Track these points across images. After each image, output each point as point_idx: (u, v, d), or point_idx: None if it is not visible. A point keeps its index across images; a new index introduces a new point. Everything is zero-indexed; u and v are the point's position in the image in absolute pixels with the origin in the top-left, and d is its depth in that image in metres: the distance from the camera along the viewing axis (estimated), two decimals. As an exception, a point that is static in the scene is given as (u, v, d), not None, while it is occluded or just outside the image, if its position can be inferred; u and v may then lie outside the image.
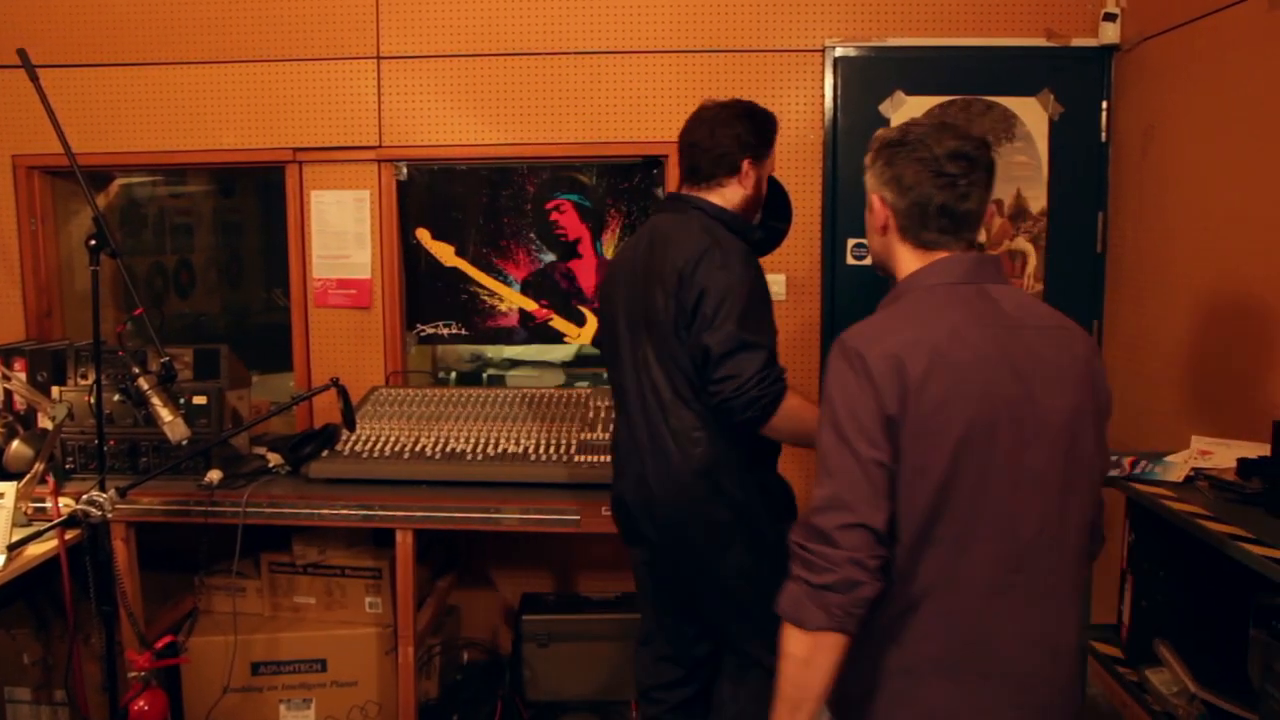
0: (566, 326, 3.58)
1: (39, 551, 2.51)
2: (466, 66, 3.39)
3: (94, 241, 2.34)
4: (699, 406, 2.08)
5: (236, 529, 2.72)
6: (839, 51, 3.29)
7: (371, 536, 3.06)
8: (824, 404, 1.45)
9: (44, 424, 2.92)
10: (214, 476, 2.80)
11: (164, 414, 2.44)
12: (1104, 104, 3.27)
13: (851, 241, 3.31)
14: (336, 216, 3.47)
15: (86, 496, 2.29)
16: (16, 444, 2.82)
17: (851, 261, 3.33)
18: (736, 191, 2.19)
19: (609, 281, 2.34)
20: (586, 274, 3.55)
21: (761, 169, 2.23)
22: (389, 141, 3.43)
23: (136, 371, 2.45)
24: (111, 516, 2.32)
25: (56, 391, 2.91)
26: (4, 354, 3.12)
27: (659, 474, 2.13)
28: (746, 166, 2.19)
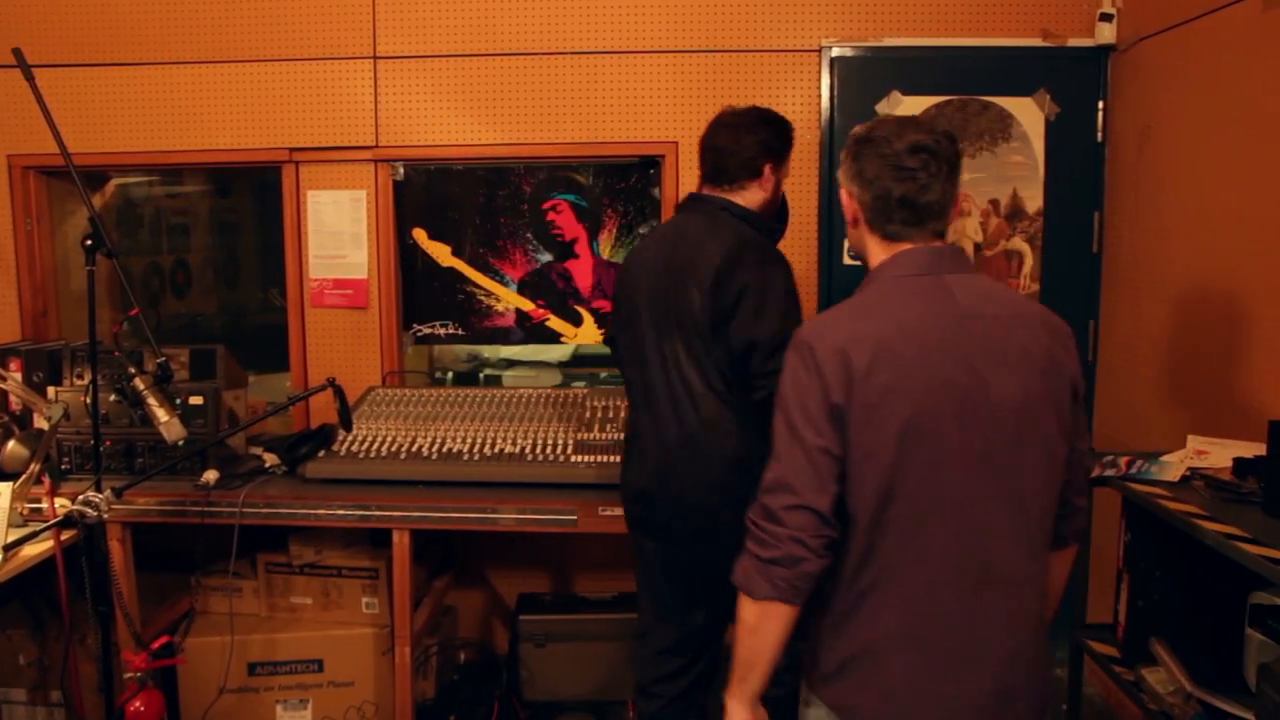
0: (563, 326, 3.58)
1: (35, 552, 2.51)
2: (463, 66, 3.38)
3: (90, 241, 2.33)
4: (732, 399, 2.16)
5: (233, 529, 2.72)
6: (835, 51, 3.30)
7: (368, 537, 3.06)
8: (778, 394, 1.53)
9: (40, 424, 2.92)
10: (210, 477, 2.79)
11: (160, 414, 2.44)
12: (1100, 104, 3.27)
13: (848, 241, 3.31)
14: (333, 216, 3.47)
15: (82, 497, 2.28)
16: (12, 444, 2.81)
17: (848, 261, 3.33)
18: (757, 194, 2.28)
19: (628, 279, 2.37)
20: (583, 274, 3.55)
21: (780, 173, 2.32)
22: (385, 141, 3.42)
23: (133, 372, 2.44)
24: (107, 517, 2.32)
25: (52, 392, 2.90)
26: (0, 354, 3.11)
27: (689, 465, 2.18)
28: (768, 171, 2.28)
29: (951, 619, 1.49)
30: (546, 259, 3.56)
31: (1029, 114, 3.28)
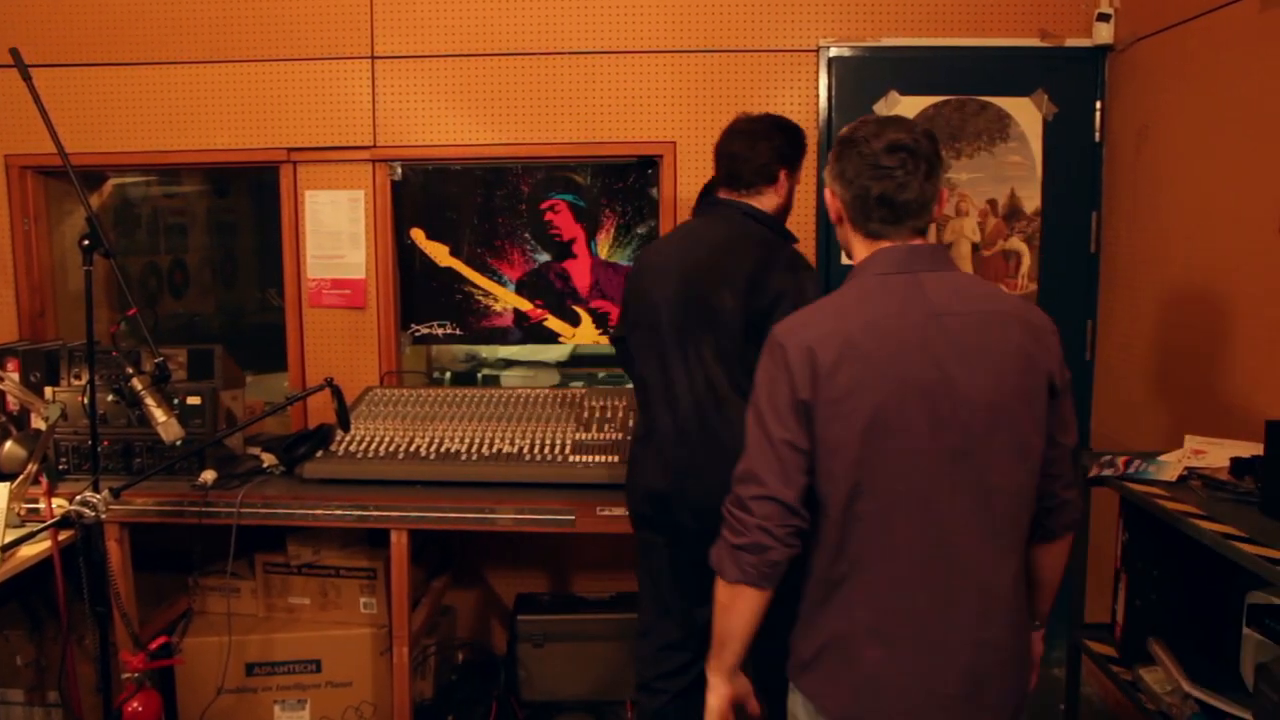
0: (561, 326, 3.58)
1: (32, 552, 2.50)
2: (461, 66, 3.38)
3: (87, 241, 2.33)
4: None
5: (231, 529, 2.72)
6: (833, 51, 3.30)
7: (366, 537, 3.06)
8: (753, 389, 1.59)
9: (37, 424, 2.92)
10: (208, 477, 2.79)
11: (158, 414, 2.44)
12: (1098, 104, 3.27)
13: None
14: (331, 216, 3.47)
15: (80, 497, 2.28)
16: (10, 445, 2.81)
17: (846, 261, 3.32)
18: (772, 199, 2.32)
19: (644, 279, 2.38)
20: (581, 274, 3.55)
21: (794, 179, 2.37)
22: (383, 141, 3.42)
23: (130, 372, 2.44)
24: (105, 517, 2.31)
25: (50, 392, 2.90)
26: (-3, 354, 3.11)
27: (710, 463, 2.19)
28: (783, 177, 2.32)
29: (919, 612, 1.53)
30: (544, 259, 3.56)
31: (1027, 114, 3.29)
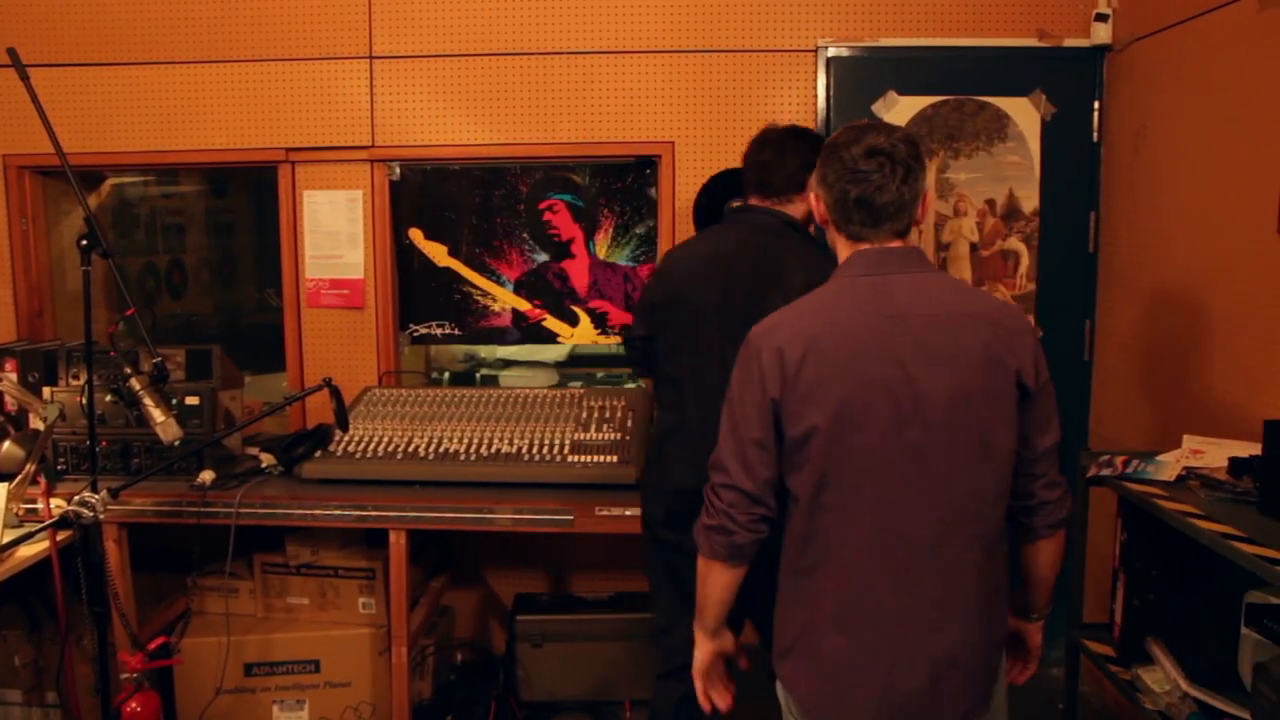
0: (560, 326, 3.58)
1: (31, 553, 2.50)
2: (459, 66, 3.38)
3: (85, 241, 2.33)
4: None
5: (229, 530, 2.72)
6: (832, 51, 3.30)
7: (364, 537, 3.05)
8: (730, 382, 1.67)
9: (35, 425, 2.91)
10: (206, 477, 2.79)
11: (156, 415, 2.43)
12: (1096, 104, 3.28)
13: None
14: (329, 216, 3.46)
15: (78, 497, 2.28)
16: (8, 445, 2.81)
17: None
18: (801, 206, 2.36)
19: (678, 281, 2.41)
20: (580, 274, 3.55)
21: None
22: (382, 141, 3.42)
23: (128, 372, 2.44)
24: (103, 517, 2.31)
25: (48, 392, 2.90)
26: (-5, 355, 3.11)
27: None
28: (810, 184, 2.33)
29: (881, 603, 1.58)
30: (543, 259, 3.55)
31: (1025, 114, 3.29)
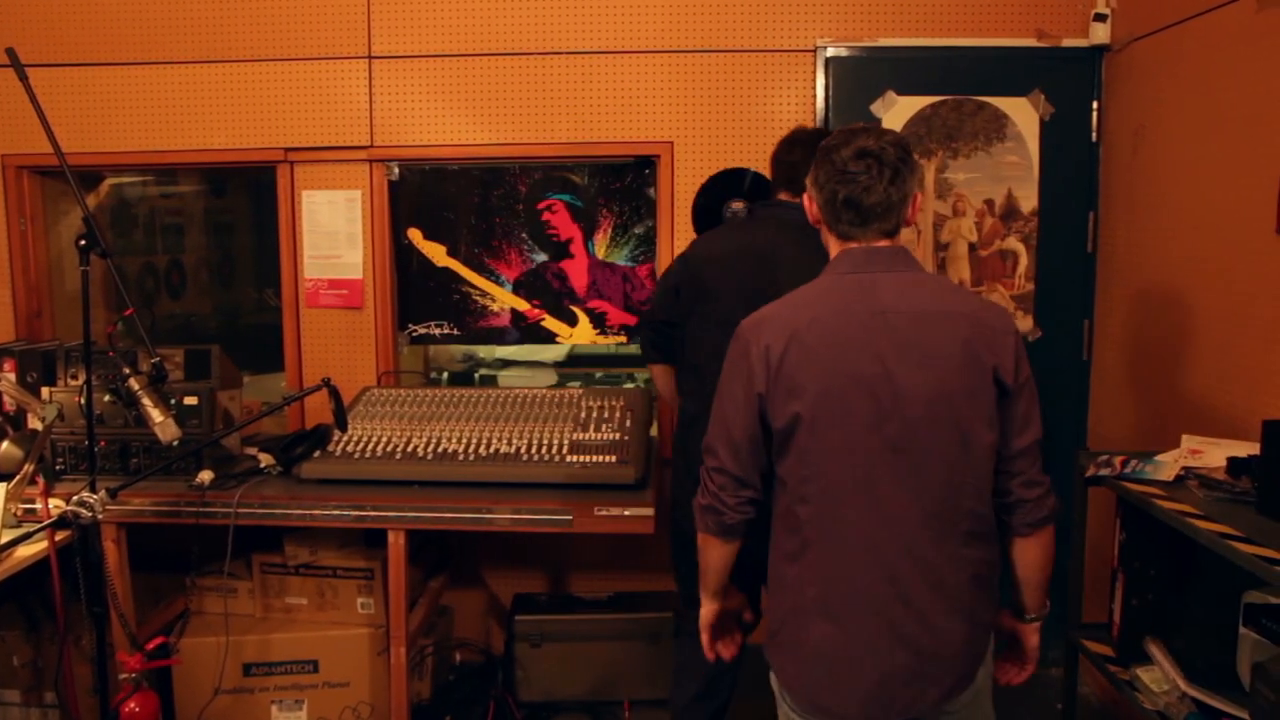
0: (558, 326, 3.58)
1: (29, 553, 2.50)
2: (458, 66, 3.38)
3: (84, 241, 2.33)
4: None
5: (228, 530, 2.71)
6: (830, 52, 3.30)
7: (363, 537, 3.05)
8: (722, 370, 1.75)
9: (34, 425, 2.91)
10: (205, 477, 2.79)
11: (155, 415, 2.43)
12: (1094, 104, 3.28)
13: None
14: (328, 216, 3.46)
15: (77, 497, 2.27)
16: (6, 445, 2.80)
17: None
18: None
19: (706, 269, 2.46)
20: (578, 274, 3.55)
21: None
22: (380, 141, 3.42)
23: (127, 372, 2.44)
24: (102, 517, 2.31)
25: (46, 392, 2.89)
26: (-7, 355, 3.10)
27: None
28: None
29: (863, 592, 1.63)
30: (542, 259, 3.55)
31: (1024, 114, 3.29)
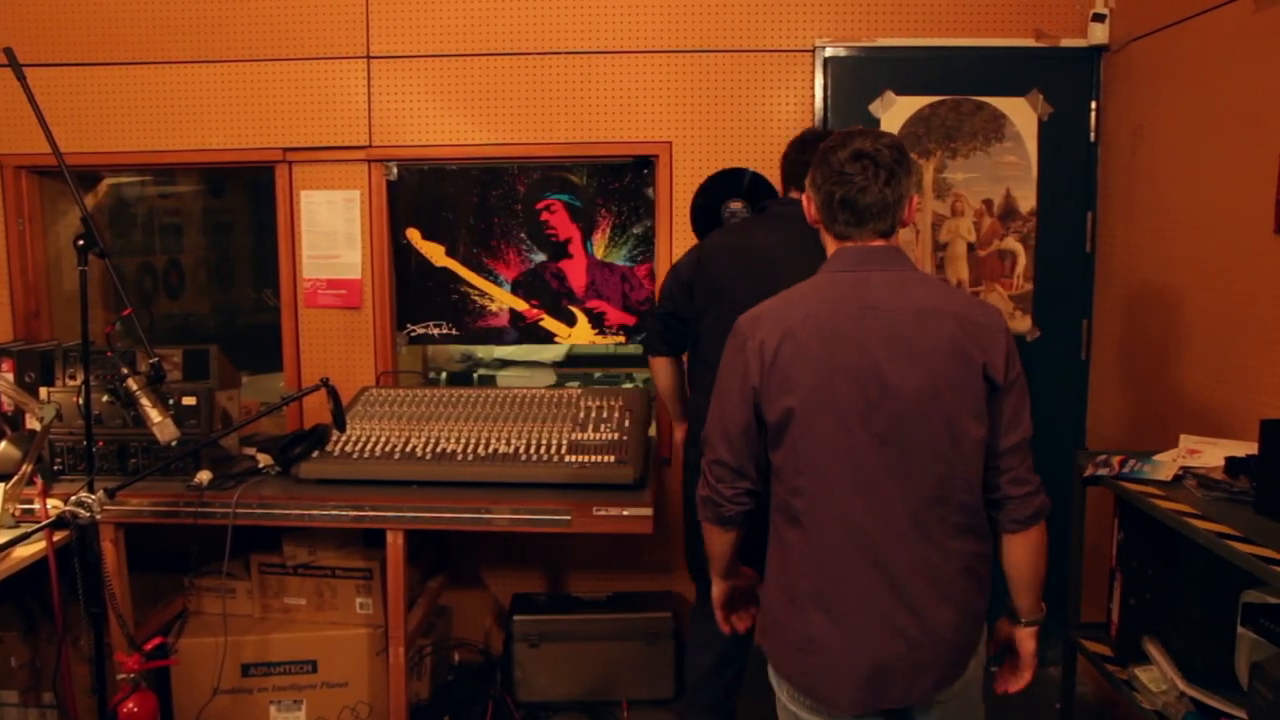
0: (557, 326, 3.58)
1: (27, 553, 2.49)
2: (457, 66, 3.38)
3: (82, 241, 2.32)
4: None
5: (226, 530, 2.71)
6: (829, 52, 3.30)
7: (362, 537, 3.05)
8: (720, 364, 1.79)
9: (32, 425, 2.90)
10: (203, 477, 2.79)
11: (153, 415, 2.43)
12: (1093, 104, 3.28)
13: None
14: (326, 216, 3.46)
15: (75, 498, 2.27)
16: (4, 445, 2.80)
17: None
18: None
19: (719, 265, 2.53)
20: (577, 274, 3.55)
21: None
22: (379, 141, 3.42)
23: (125, 372, 2.44)
24: (100, 518, 2.30)
25: (44, 392, 2.89)
26: (-9, 355, 3.10)
27: None
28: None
29: (858, 583, 1.66)
30: (540, 259, 3.55)
31: (1022, 114, 3.29)
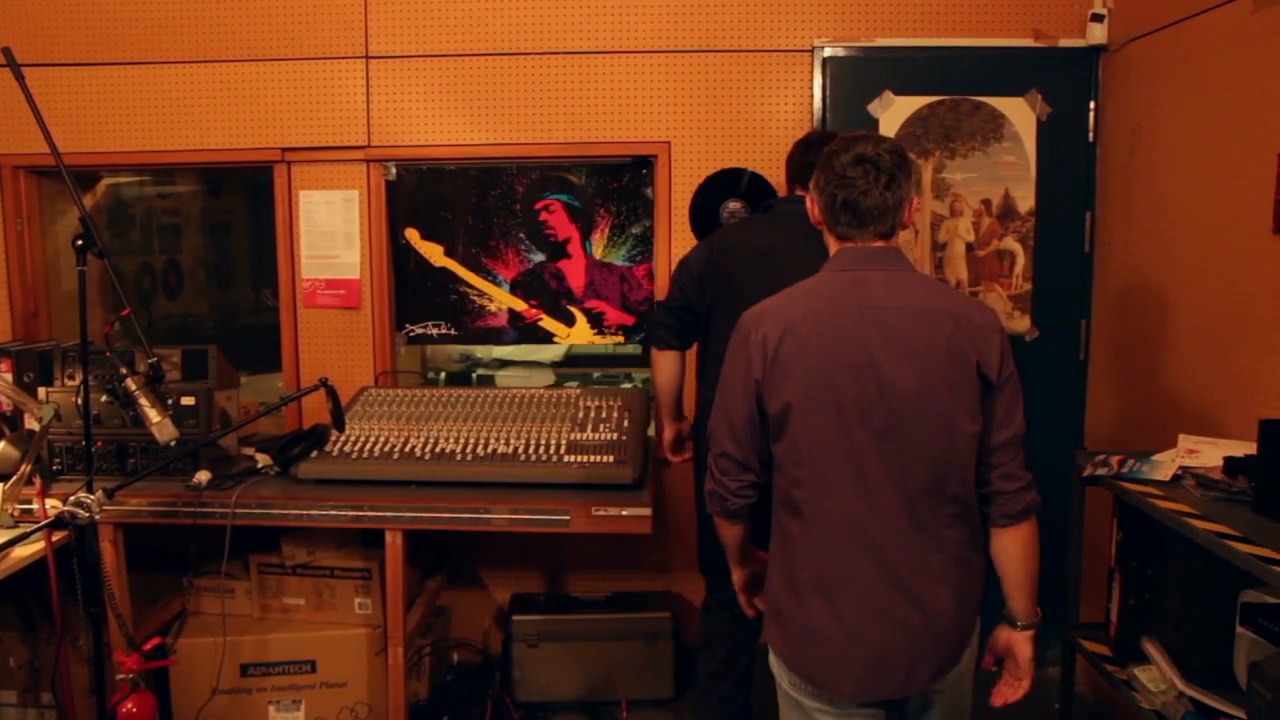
0: (556, 326, 3.58)
1: (26, 553, 2.49)
2: (455, 66, 3.38)
3: (81, 241, 2.32)
4: None
5: (225, 530, 2.71)
6: (828, 52, 3.30)
7: (361, 537, 3.05)
8: (725, 359, 1.83)
9: (30, 425, 2.90)
10: (202, 477, 2.79)
11: (152, 415, 2.43)
12: (1091, 104, 3.28)
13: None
14: (325, 216, 3.46)
15: (74, 498, 2.27)
16: (3, 445, 2.80)
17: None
18: None
19: (731, 260, 2.56)
20: (576, 274, 3.55)
21: None
22: (378, 141, 3.42)
23: (124, 372, 2.43)
24: (99, 518, 2.30)
25: (43, 392, 2.89)
26: (-10, 355, 3.10)
27: None
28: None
29: (857, 574, 1.70)
30: (539, 259, 3.55)
31: (1021, 114, 3.29)
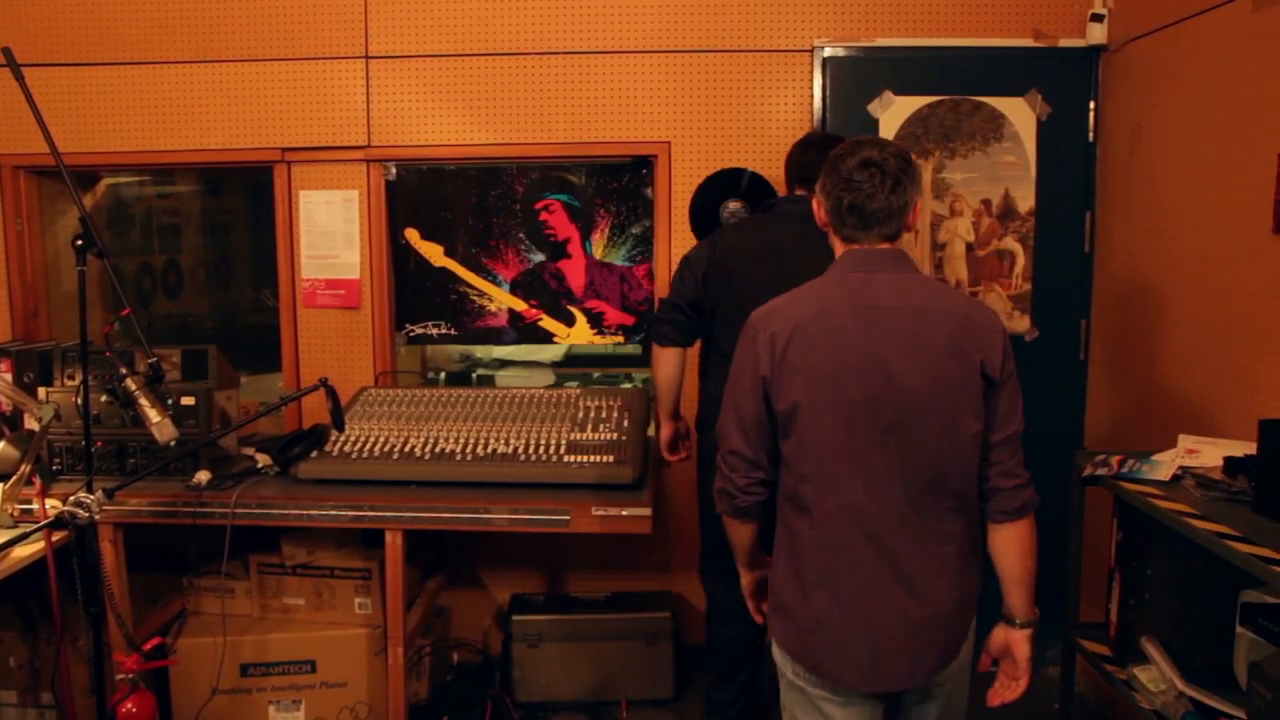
0: (556, 326, 3.58)
1: (26, 553, 2.49)
2: (455, 66, 3.38)
3: (81, 241, 2.32)
4: None
5: (225, 530, 2.71)
6: (828, 52, 3.30)
7: (361, 537, 3.05)
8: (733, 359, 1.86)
9: (30, 425, 2.90)
10: (202, 477, 2.79)
11: (152, 415, 2.43)
12: (1091, 104, 3.28)
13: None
14: (325, 216, 3.46)
15: (74, 498, 2.27)
16: (2, 445, 2.80)
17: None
18: None
19: (735, 258, 2.61)
20: (576, 274, 3.55)
21: None
22: (377, 141, 3.42)
23: (124, 372, 2.43)
24: (99, 518, 2.30)
25: (43, 392, 2.89)
26: (-10, 355, 3.10)
27: None
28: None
29: (861, 568, 1.74)
30: (539, 259, 3.55)
31: (1021, 114, 3.29)
